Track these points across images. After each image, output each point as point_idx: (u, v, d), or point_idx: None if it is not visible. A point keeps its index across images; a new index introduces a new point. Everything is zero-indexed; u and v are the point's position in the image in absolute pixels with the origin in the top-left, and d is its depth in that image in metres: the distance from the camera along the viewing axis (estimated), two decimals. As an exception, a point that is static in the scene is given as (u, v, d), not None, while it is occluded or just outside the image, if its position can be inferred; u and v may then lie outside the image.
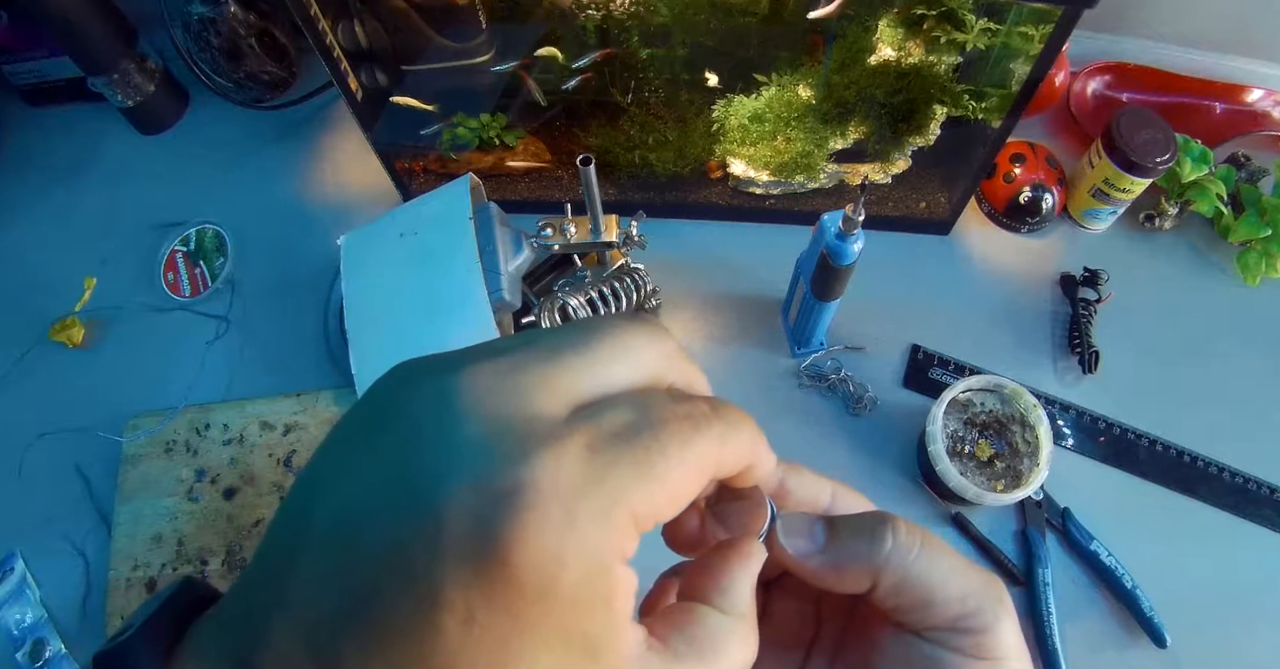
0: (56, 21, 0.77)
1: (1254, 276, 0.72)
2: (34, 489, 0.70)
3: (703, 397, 0.22)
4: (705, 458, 0.20)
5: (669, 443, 0.19)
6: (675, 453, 0.19)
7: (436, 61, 0.75)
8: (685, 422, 0.20)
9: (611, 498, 0.17)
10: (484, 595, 0.16)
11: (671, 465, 0.19)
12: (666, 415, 0.19)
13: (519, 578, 0.16)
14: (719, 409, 0.21)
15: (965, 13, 0.65)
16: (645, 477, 0.18)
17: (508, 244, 0.63)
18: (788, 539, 0.24)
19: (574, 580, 0.17)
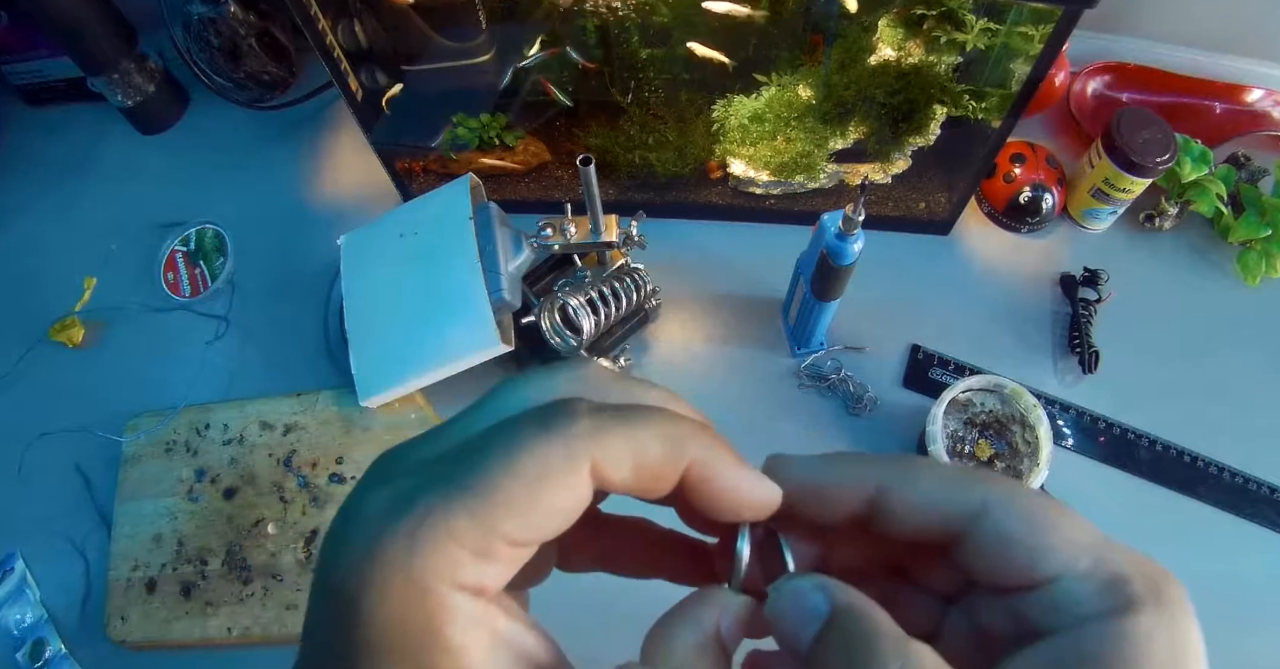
0: (56, 21, 0.77)
1: (1254, 276, 0.72)
2: (34, 489, 0.70)
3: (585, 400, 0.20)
4: (549, 462, 0.18)
5: (489, 450, 0.18)
6: (498, 461, 0.18)
7: (436, 61, 0.75)
8: (521, 426, 0.19)
9: (418, 519, 0.17)
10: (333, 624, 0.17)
11: (493, 474, 0.17)
12: (515, 422, 0.19)
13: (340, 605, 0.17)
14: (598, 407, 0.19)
15: (965, 13, 0.65)
16: (464, 491, 0.17)
17: (508, 244, 0.63)
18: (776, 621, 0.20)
19: (380, 603, 0.17)
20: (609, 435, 0.18)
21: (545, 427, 0.18)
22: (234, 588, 0.64)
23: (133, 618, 0.64)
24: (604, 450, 0.18)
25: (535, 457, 0.18)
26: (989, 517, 0.20)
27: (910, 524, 0.21)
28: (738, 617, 0.21)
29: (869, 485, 0.21)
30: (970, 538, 0.20)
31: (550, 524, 0.18)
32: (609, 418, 0.19)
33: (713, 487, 0.20)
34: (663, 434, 0.19)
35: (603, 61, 0.72)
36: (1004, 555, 0.20)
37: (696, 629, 0.20)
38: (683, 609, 0.21)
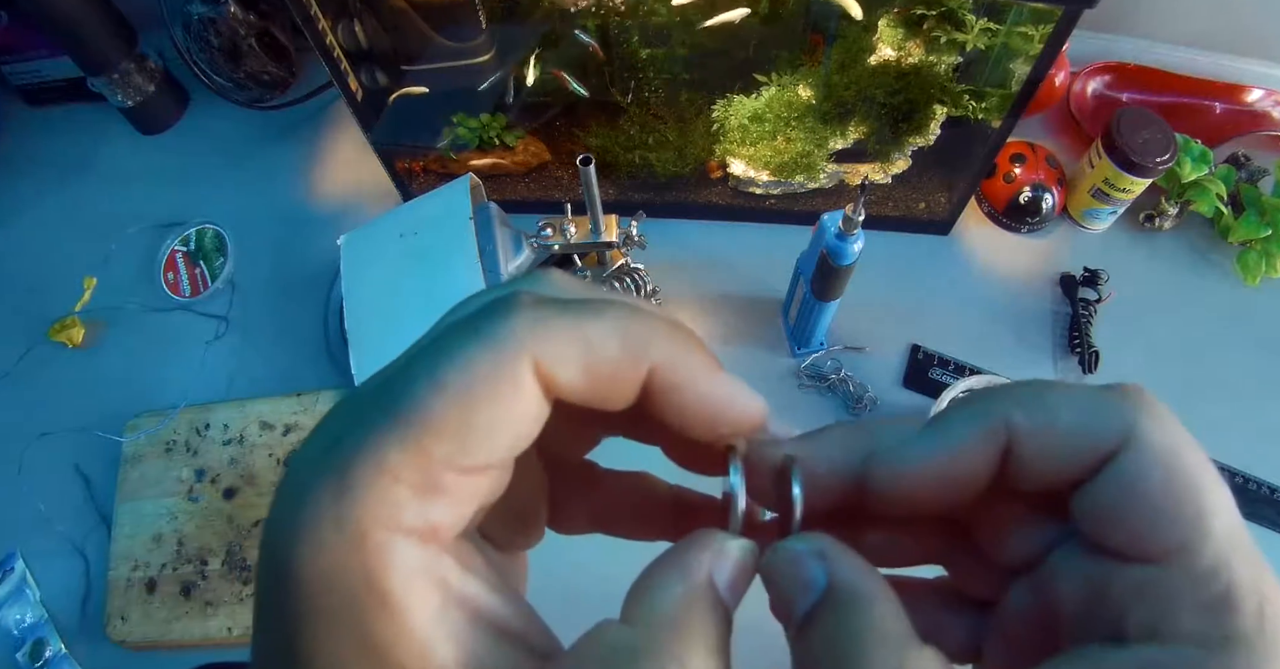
0: (56, 21, 0.77)
1: (1254, 276, 0.72)
2: (34, 489, 0.70)
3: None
4: (476, 369, 0.15)
5: (414, 370, 0.15)
6: (422, 379, 0.15)
7: (436, 61, 0.75)
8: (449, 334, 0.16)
9: (345, 457, 0.15)
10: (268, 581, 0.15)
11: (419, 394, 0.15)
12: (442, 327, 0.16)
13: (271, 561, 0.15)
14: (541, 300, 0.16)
15: (965, 13, 0.65)
16: (391, 419, 0.15)
17: (508, 244, 0.63)
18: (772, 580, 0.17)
19: (310, 558, 0.14)
20: (550, 329, 0.16)
21: (473, 329, 0.16)
22: (234, 588, 0.64)
23: (133, 618, 0.64)
24: (545, 347, 0.16)
25: (464, 363, 0.15)
26: (1130, 450, 0.16)
27: (1047, 469, 0.17)
28: (737, 565, 0.17)
29: (998, 436, 0.17)
30: (1098, 477, 0.16)
31: (496, 442, 0.15)
32: (551, 310, 0.16)
33: (682, 395, 0.17)
34: (618, 328, 0.16)
35: (603, 61, 0.72)
36: (1124, 507, 0.16)
37: (685, 579, 0.17)
38: (669, 556, 0.17)
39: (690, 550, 0.17)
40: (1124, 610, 0.16)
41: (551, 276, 0.18)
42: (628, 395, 0.17)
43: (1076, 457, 0.16)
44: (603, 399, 0.17)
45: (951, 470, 0.17)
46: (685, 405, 0.17)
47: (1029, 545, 0.18)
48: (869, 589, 0.16)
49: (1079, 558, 0.17)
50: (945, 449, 0.17)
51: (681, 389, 0.17)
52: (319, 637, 0.14)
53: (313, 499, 0.15)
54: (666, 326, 0.17)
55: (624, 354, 0.16)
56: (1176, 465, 0.16)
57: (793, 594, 0.17)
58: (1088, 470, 0.16)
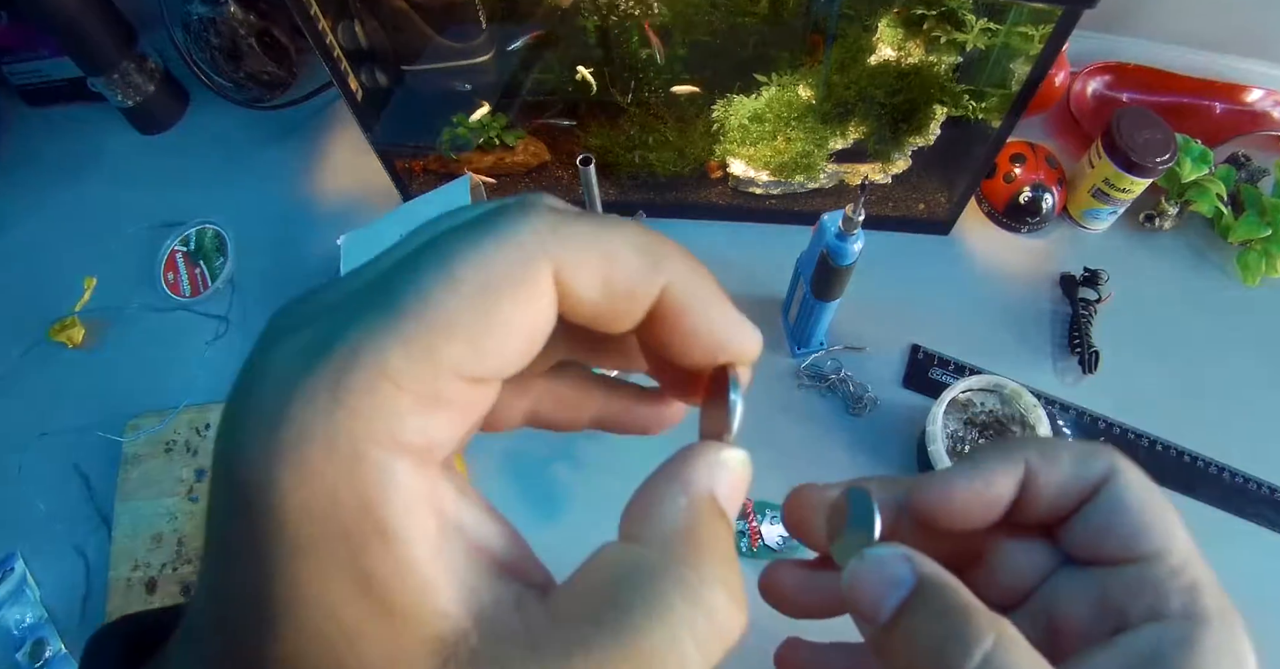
0: (56, 21, 0.77)
1: (1254, 276, 0.72)
2: (34, 489, 0.70)
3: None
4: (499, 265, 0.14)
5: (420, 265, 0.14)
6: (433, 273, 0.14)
7: (436, 61, 0.75)
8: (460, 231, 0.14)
9: (340, 361, 0.13)
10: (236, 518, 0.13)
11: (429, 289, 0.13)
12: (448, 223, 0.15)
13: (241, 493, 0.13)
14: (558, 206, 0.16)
15: (965, 13, 0.65)
16: (396, 316, 0.13)
17: (508, 244, 0.63)
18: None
19: (296, 482, 0.12)
20: (572, 233, 0.15)
21: (489, 226, 0.14)
22: (234, 588, 0.64)
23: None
24: (566, 252, 0.15)
25: (481, 259, 0.14)
26: (1114, 482, 0.21)
27: (1051, 499, 0.22)
28: (734, 475, 0.17)
29: (1018, 471, 0.22)
30: (1089, 505, 0.22)
31: (509, 349, 0.14)
32: (573, 216, 0.15)
33: (691, 319, 0.17)
34: (638, 241, 0.16)
35: (603, 61, 0.72)
36: (1115, 523, 0.21)
37: (687, 491, 0.16)
38: (667, 471, 0.17)
39: (689, 464, 0.17)
40: (1125, 604, 0.20)
41: (548, 197, 0.17)
42: (637, 314, 0.16)
43: (1075, 485, 0.22)
44: (612, 317, 0.16)
45: (984, 494, 0.22)
46: (693, 330, 0.17)
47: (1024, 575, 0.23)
48: (953, 579, 0.19)
49: (1076, 576, 0.22)
50: (981, 476, 0.22)
51: (692, 313, 0.17)
52: (306, 575, 0.13)
53: (296, 412, 0.13)
54: (680, 248, 0.17)
55: (642, 268, 0.16)
56: (1148, 493, 0.22)
57: (883, 591, 0.19)
58: (1079, 501, 0.22)
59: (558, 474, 0.65)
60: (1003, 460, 0.22)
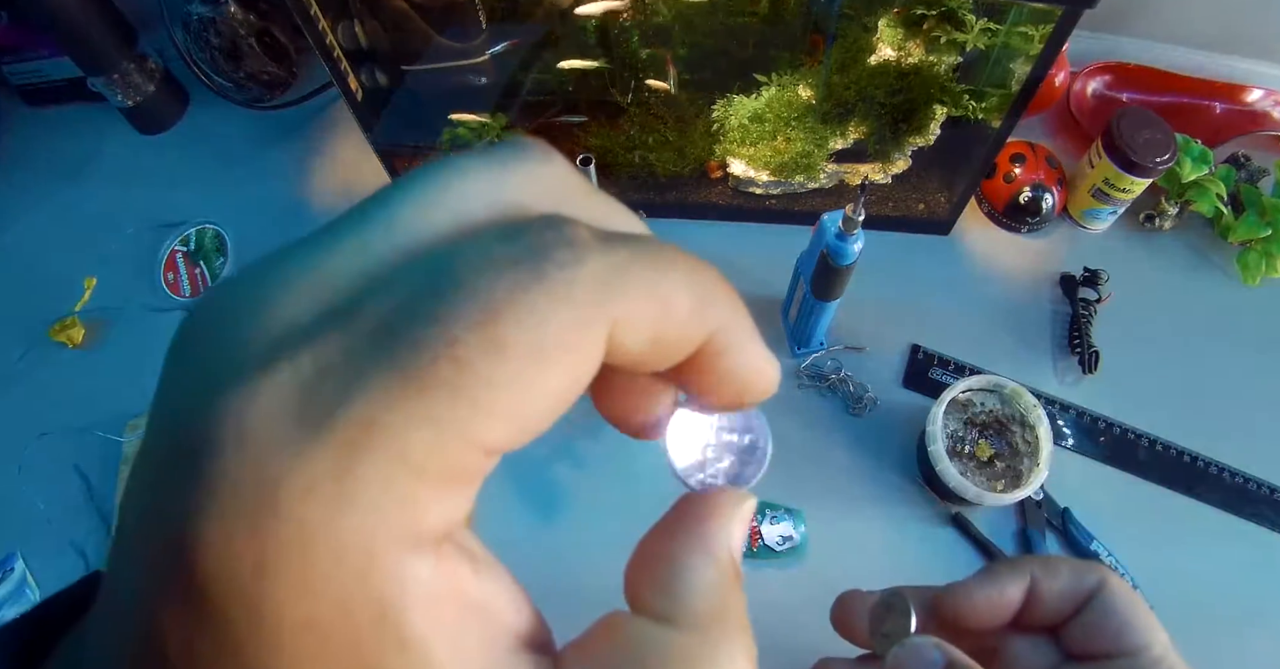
0: (56, 21, 0.77)
1: (1254, 276, 0.72)
2: (34, 489, 0.70)
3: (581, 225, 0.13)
4: (551, 327, 0.11)
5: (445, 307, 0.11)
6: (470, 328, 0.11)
7: (436, 61, 0.75)
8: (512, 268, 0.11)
9: (347, 437, 0.10)
10: (197, 629, 0.10)
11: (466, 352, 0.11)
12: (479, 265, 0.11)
13: (214, 602, 0.10)
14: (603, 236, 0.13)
15: (965, 13, 0.65)
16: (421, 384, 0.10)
17: (508, 244, 0.63)
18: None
19: (293, 593, 0.10)
20: (632, 285, 0.12)
21: (538, 269, 0.11)
22: (234, 588, 0.64)
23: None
24: (627, 307, 0.12)
25: (533, 319, 0.11)
26: (1105, 591, 0.29)
27: (1052, 604, 0.29)
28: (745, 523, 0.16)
29: (1025, 581, 0.30)
30: (1084, 610, 0.29)
31: (547, 418, 0.12)
32: (625, 254, 0.12)
33: (728, 362, 0.15)
34: (691, 284, 0.13)
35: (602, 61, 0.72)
36: (1107, 623, 0.28)
37: (714, 559, 0.15)
38: (689, 530, 0.15)
39: (712, 521, 0.15)
40: None
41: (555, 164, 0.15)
42: (677, 360, 0.14)
43: (1072, 593, 0.30)
44: (651, 364, 0.14)
45: (997, 599, 0.30)
46: (727, 373, 0.15)
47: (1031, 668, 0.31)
48: (974, 663, 0.25)
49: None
50: (995, 585, 0.30)
51: (729, 356, 0.15)
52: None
53: (292, 509, 0.10)
54: (723, 283, 0.15)
55: (694, 316, 0.14)
56: (1133, 599, 0.29)
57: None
58: (1076, 607, 0.30)
59: (558, 474, 0.65)
60: (1012, 572, 0.30)
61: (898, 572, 0.61)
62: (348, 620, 0.10)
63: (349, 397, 0.10)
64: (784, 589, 0.60)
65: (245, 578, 0.10)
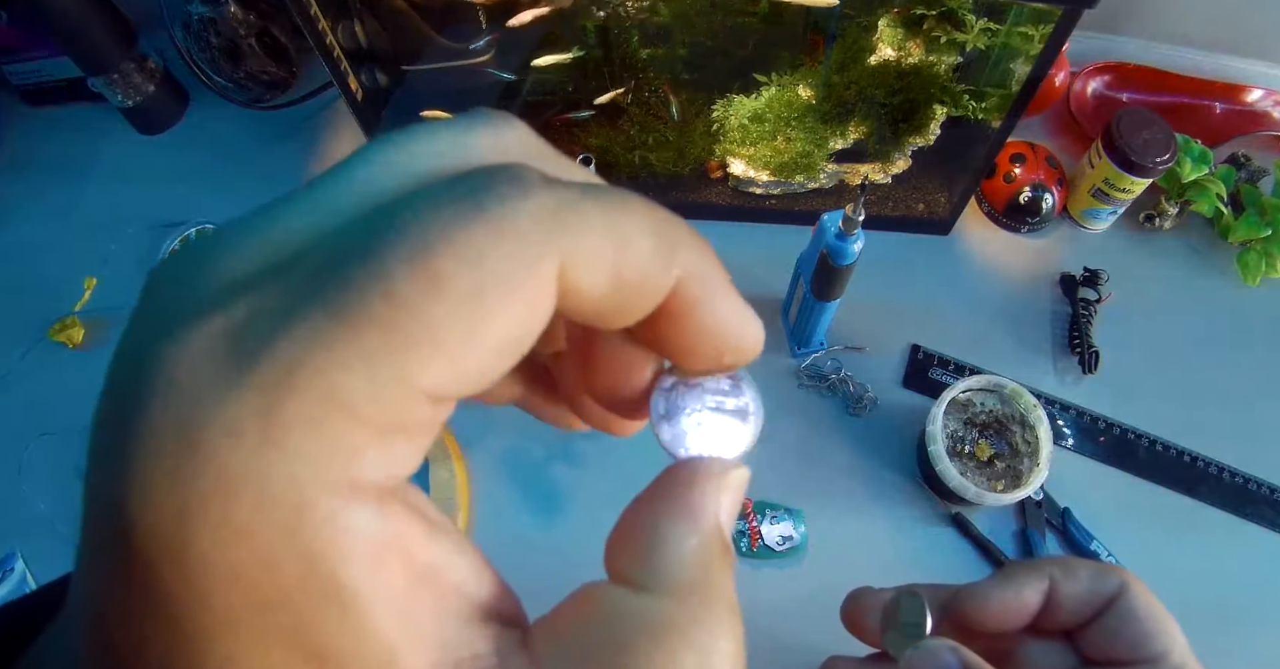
0: (56, 21, 0.77)
1: (1254, 276, 0.72)
2: (34, 489, 0.70)
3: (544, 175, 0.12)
4: (494, 261, 0.11)
5: (387, 246, 0.10)
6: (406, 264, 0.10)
7: (436, 61, 0.75)
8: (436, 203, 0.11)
9: (278, 377, 0.10)
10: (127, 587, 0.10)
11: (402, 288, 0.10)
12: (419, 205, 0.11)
13: (141, 555, 0.10)
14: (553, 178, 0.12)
15: (965, 13, 0.65)
16: (356, 322, 0.10)
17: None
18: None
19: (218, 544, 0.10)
20: (584, 220, 0.12)
21: (478, 203, 0.11)
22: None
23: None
24: (578, 242, 0.12)
25: (473, 254, 0.11)
26: (1126, 596, 0.28)
27: (1071, 608, 0.29)
28: (737, 494, 0.15)
29: (1044, 584, 0.29)
30: (1103, 615, 0.28)
31: (496, 364, 0.11)
32: (578, 193, 0.12)
33: (702, 313, 0.14)
34: (654, 227, 0.13)
35: (603, 61, 0.72)
36: (1127, 629, 0.28)
37: (698, 527, 0.14)
38: (671, 498, 0.14)
39: (696, 490, 0.15)
40: None
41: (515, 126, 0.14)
42: (645, 310, 0.13)
43: (1092, 597, 0.29)
44: (617, 314, 0.13)
45: (1014, 602, 0.29)
46: (703, 326, 0.14)
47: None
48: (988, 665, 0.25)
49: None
50: (1013, 587, 0.30)
51: (704, 307, 0.14)
52: (240, 653, 0.10)
53: (214, 451, 0.09)
54: (691, 230, 0.14)
55: (658, 258, 0.13)
56: (1153, 605, 0.29)
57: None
58: (1095, 611, 0.29)
59: (557, 474, 0.65)
60: (1030, 574, 0.29)
61: (898, 572, 0.61)
62: (276, 572, 0.10)
63: (275, 337, 0.10)
64: (784, 589, 0.60)
65: (169, 527, 0.09)
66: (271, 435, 0.10)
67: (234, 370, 0.10)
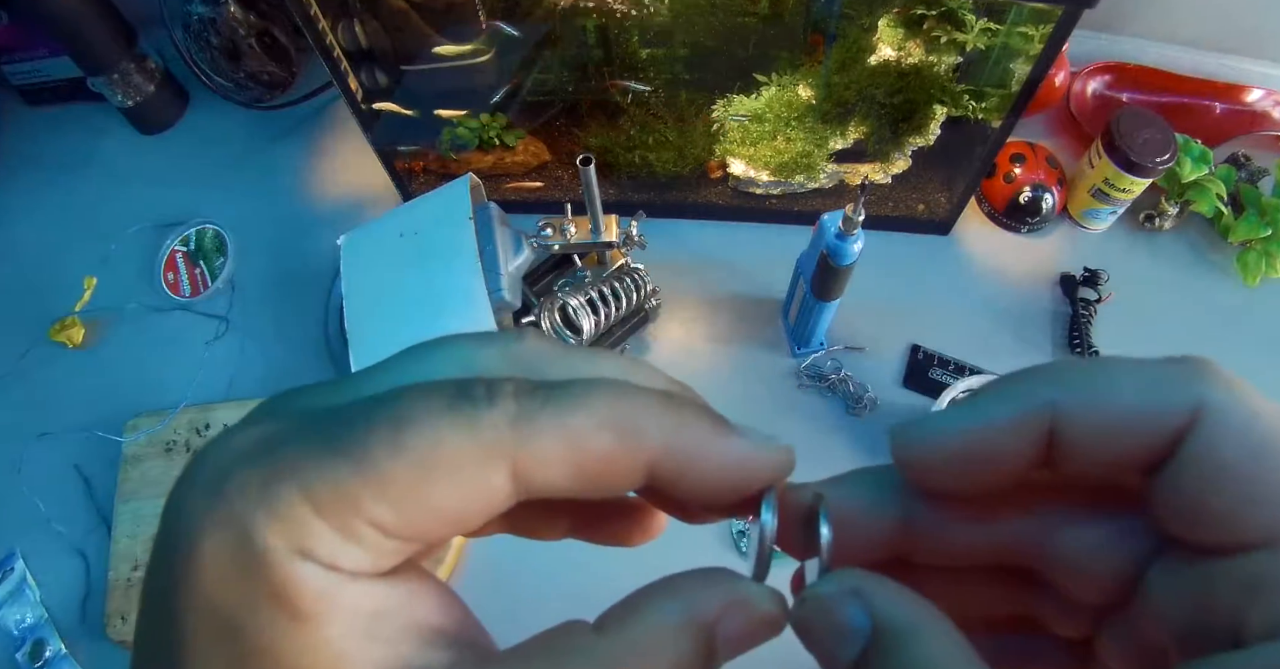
0: (56, 21, 0.77)
1: (1254, 276, 0.72)
2: (34, 489, 0.70)
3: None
4: (446, 450, 0.14)
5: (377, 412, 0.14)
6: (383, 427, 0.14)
7: (436, 61, 0.75)
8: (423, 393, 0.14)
9: (272, 467, 0.14)
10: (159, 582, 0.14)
11: (372, 442, 0.14)
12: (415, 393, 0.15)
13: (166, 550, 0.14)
14: (529, 387, 0.15)
15: (965, 13, 0.65)
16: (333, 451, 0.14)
17: (508, 244, 0.63)
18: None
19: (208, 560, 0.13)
20: (536, 425, 0.14)
21: (451, 404, 0.14)
22: (234, 588, 0.64)
23: (133, 618, 0.64)
24: (530, 446, 0.14)
25: (434, 437, 0.14)
26: (1203, 428, 0.14)
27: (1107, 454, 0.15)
28: (752, 621, 0.15)
29: (1043, 415, 0.15)
30: (1170, 463, 0.14)
31: (437, 525, 0.14)
32: (538, 401, 0.14)
33: (695, 471, 0.15)
34: (609, 418, 0.15)
35: (603, 61, 0.72)
36: (1209, 491, 0.14)
37: (684, 608, 0.15)
38: (681, 582, 0.16)
39: (707, 587, 0.15)
40: (1238, 613, 0.13)
41: (529, 343, 0.17)
42: (627, 485, 0.15)
43: (1141, 439, 0.14)
44: (597, 492, 0.15)
45: (982, 449, 0.15)
46: (701, 480, 0.15)
47: (1109, 581, 0.16)
48: (919, 621, 0.14)
49: (1173, 568, 0.15)
50: (977, 425, 0.15)
51: (692, 466, 0.15)
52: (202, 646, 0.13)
53: (227, 499, 0.14)
54: (660, 401, 0.15)
55: (617, 446, 0.15)
56: (1261, 435, 0.14)
57: (835, 645, 0.15)
58: (1157, 457, 0.14)
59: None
60: (1013, 405, 0.15)
61: (898, 572, 0.61)
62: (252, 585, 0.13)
63: (291, 444, 0.14)
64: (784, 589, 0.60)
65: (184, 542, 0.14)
66: (263, 498, 0.13)
67: (259, 456, 0.14)
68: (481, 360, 0.16)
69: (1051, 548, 0.16)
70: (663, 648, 0.14)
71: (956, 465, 0.16)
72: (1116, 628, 0.17)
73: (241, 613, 0.13)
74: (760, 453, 0.16)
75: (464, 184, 0.66)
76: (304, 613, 0.13)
